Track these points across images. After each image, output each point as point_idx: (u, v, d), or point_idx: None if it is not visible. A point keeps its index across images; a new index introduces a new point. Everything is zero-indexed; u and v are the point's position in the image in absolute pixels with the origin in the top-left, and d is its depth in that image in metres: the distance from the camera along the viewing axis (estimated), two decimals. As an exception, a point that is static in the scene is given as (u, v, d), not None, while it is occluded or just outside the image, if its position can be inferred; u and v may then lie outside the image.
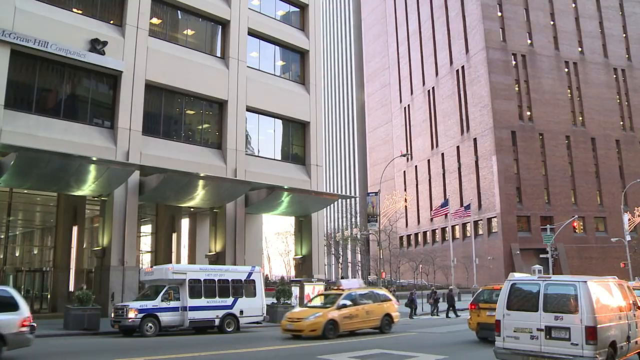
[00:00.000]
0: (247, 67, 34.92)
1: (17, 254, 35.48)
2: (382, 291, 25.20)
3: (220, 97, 33.21)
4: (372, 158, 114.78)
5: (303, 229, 36.71)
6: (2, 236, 31.36)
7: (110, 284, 27.08)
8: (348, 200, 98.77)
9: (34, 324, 14.42)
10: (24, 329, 13.90)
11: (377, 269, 54.67)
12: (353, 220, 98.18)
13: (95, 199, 29.52)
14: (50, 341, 19.47)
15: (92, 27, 28.53)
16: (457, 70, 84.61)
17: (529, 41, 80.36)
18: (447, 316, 33.86)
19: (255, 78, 35.16)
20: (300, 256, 36.64)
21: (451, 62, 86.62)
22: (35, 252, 36.40)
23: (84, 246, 32.17)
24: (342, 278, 26.27)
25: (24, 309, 14.22)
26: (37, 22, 26.44)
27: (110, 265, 27.35)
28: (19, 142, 23.95)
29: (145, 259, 35.81)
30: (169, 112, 32.28)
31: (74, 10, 28.98)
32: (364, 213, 64.81)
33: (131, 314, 21.51)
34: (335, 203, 71.77)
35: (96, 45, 28.08)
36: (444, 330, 25.22)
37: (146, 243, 36.56)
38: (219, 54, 34.57)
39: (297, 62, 39.37)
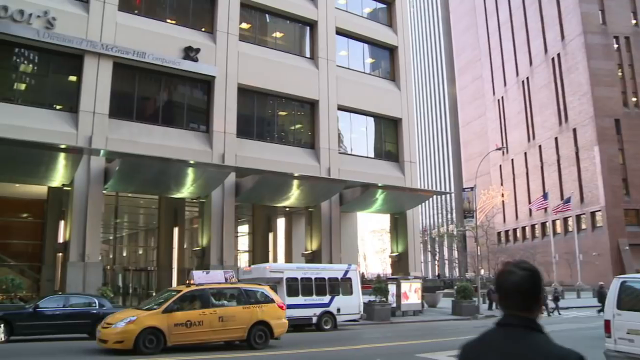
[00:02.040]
0: (337, 66, 35.01)
1: (124, 254, 37.25)
2: (263, 289, 18.15)
3: (312, 97, 33.49)
4: (466, 153, 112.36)
5: (398, 226, 36.37)
6: (111, 237, 33.04)
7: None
8: (443, 196, 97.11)
9: None
10: None
11: (474, 266, 53.43)
12: (449, 216, 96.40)
13: (194, 201, 30.55)
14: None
15: (185, 35, 29.59)
16: (553, 59, 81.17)
17: (633, 21, 75.65)
18: (549, 314, 32.40)
19: (345, 76, 35.19)
20: (396, 254, 36.32)
21: (546, 50, 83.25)
22: (140, 252, 38.09)
23: (185, 246, 33.32)
24: (204, 270, 19.83)
25: None
26: (135, 34, 27.83)
27: (210, 264, 28.15)
28: (122, 148, 25.40)
29: (243, 259, 36.62)
30: (262, 114, 32.91)
31: (168, 20, 30.25)
32: (460, 209, 63.57)
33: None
34: (430, 199, 70.58)
35: (190, 53, 29.06)
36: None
37: (243, 243, 37.39)
38: (308, 55, 34.87)
39: (386, 58, 39.08)
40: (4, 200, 28.43)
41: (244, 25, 32.77)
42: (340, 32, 35.92)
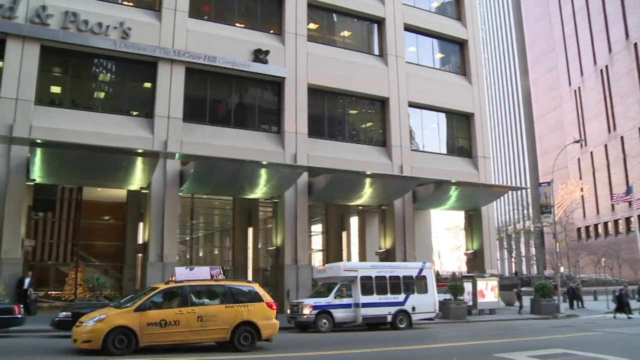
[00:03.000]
0: (406, 62, 34.65)
1: (200, 254, 38.10)
2: (251, 287, 16.70)
3: (382, 95, 33.30)
4: (542, 146, 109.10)
5: (473, 223, 35.68)
6: (187, 238, 33.89)
7: (285, 282, 28.19)
8: (519, 191, 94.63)
9: None
10: None
11: (553, 263, 51.77)
12: (525, 212, 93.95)
13: (268, 201, 30.92)
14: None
15: (254, 38, 30.07)
16: (635, 44, 77.46)
17: None
18: (615, 317, 29.87)
19: (415, 73, 34.81)
20: (471, 251, 35.64)
21: (627, 36, 79.60)
22: (216, 252, 38.87)
23: (259, 246, 33.76)
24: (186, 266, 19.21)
25: None
26: (205, 39, 28.56)
27: (284, 264, 28.48)
28: (197, 151, 26.06)
29: (317, 258, 36.79)
30: (332, 113, 32.97)
31: (237, 24, 30.80)
32: (537, 204, 61.70)
33: (306, 311, 22.26)
34: (506, 195, 69.07)
35: (259, 55, 29.48)
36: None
37: (317, 242, 37.56)
38: (377, 52, 34.68)
39: (456, 53, 38.41)
40: (89, 204, 29.65)
41: (312, 26, 32.91)
42: (408, 28, 35.54)
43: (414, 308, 24.11)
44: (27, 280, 23.08)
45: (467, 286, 30.30)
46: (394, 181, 30.72)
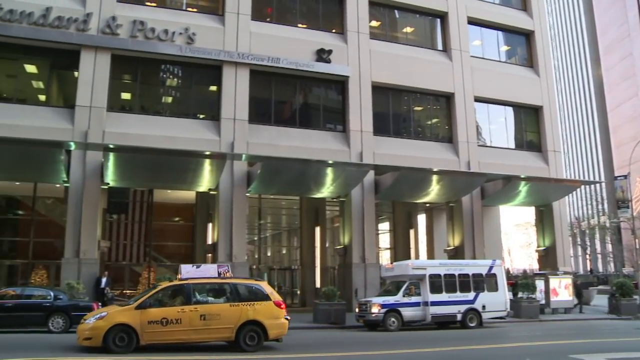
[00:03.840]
0: (471, 56, 34.04)
1: (268, 254, 38.53)
2: (258, 285, 16.10)
3: (447, 91, 32.83)
4: (617, 138, 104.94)
5: (544, 219, 34.66)
6: (255, 238, 34.35)
7: (353, 281, 28.18)
8: (592, 186, 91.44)
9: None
10: None
11: (632, 260, 49.73)
12: (600, 207, 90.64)
13: (334, 200, 30.98)
14: (302, 333, 20.78)
15: (317, 38, 30.29)
16: None
17: None
18: None
19: (480, 67, 34.14)
20: (542, 248, 34.64)
21: None
22: (284, 251, 39.21)
23: (327, 245, 33.82)
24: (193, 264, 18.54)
25: None
26: (268, 41, 29.00)
27: (352, 262, 28.48)
28: (263, 152, 26.51)
29: (385, 256, 36.61)
30: (397, 110, 32.74)
31: (299, 25, 31.14)
32: (612, 199, 59.45)
33: (375, 309, 22.23)
34: (578, 190, 66.66)
35: (322, 55, 29.62)
36: None
37: (385, 240, 37.37)
38: (440, 47, 34.22)
39: (522, 44, 37.41)
40: (159, 205, 30.49)
41: (374, 23, 32.82)
42: (472, 21, 34.90)
43: (484, 306, 23.68)
44: (104, 280, 24.15)
45: (539, 284, 29.47)
46: (461, 178, 30.24)
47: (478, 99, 33.63)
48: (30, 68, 27.82)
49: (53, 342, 15.48)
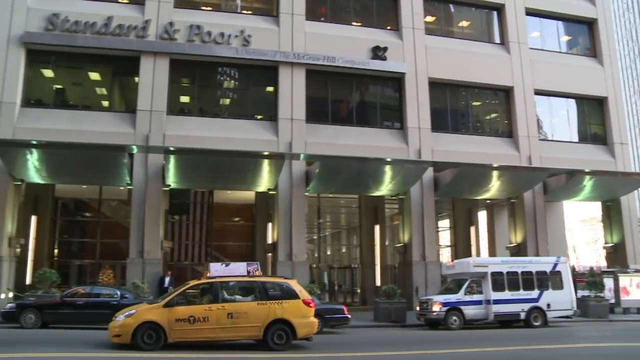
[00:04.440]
0: (530, 48, 33.21)
1: (328, 253, 38.54)
2: (287, 283, 15.60)
3: (505, 84, 32.15)
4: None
5: (612, 215, 33.44)
6: (315, 237, 34.43)
7: (414, 279, 27.96)
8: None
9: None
10: None
11: None
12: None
13: (393, 198, 30.78)
14: (363, 331, 20.76)
15: (372, 35, 30.18)
16: None
17: None
18: None
19: (540, 58, 33.23)
20: (610, 244, 33.44)
21: None
22: (344, 250, 39.14)
23: (386, 243, 33.61)
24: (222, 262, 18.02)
25: None
26: (323, 40, 29.12)
27: (412, 260, 28.23)
28: (321, 151, 26.64)
29: (445, 254, 36.12)
30: (455, 105, 32.27)
31: (354, 23, 31.17)
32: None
33: (436, 307, 21.95)
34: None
35: (377, 52, 29.49)
36: None
37: (445, 237, 36.87)
38: (498, 40, 33.54)
39: (584, 34, 36.25)
40: (220, 206, 30.95)
41: (429, 19, 32.44)
42: (530, 12, 34.05)
43: (548, 305, 23.00)
44: (167, 279, 24.72)
45: (608, 282, 28.47)
46: (522, 173, 29.56)
47: (538, 92, 32.78)
48: (94, 75, 28.79)
49: (95, 339, 15.83)
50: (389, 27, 31.25)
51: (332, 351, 14.97)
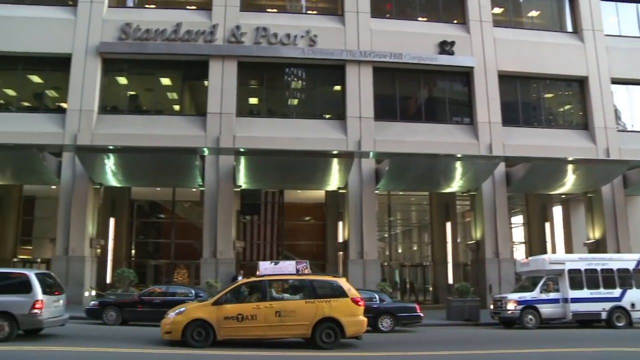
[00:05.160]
0: (605, 35, 31.85)
1: (399, 251, 38.27)
2: (336, 281, 15.31)
3: (579, 74, 30.96)
4: None
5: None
6: (386, 235, 34.27)
7: (487, 276, 27.36)
8: None
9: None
10: (36, 310, 14.23)
11: None
12: None
13: (465, 194, 30.21)
14: (435, 330, 20.49)
15: (438, 30, 29.83)
16: None
17: None
18: None
19: (617, 45, 31.73)
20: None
21: None
22: (415, 248, 38.79)
23: (458, 240, 33.04)
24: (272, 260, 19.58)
25: (37, 293, 14.37)
26: (389, 37, 28.94)
27: (485, 257, 27.65)
28: (390, 149, 26.50)
29: (519, 250, 35.19)
30: (526, 98, 31.31)
31: (419, 19, 30.99)
32: None
33: (510, 306, 21.41)
34: None
35: (445, 47, 29.07)
36: None
37: (518, 234, 35.90)
38: (570, 29, 32.34)
39: (668, 13, 34.44)
40: (290, 205, 31.28)
41: (497, 10, 31.65)
42: (605, -3, 32.76)
43: (633, 305, 21.89)
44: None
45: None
46: (599, 166, 28.39)
47: (615, 81, 31.35)
48: (165, 81, 29.66)
49: (151, 336, 16.22)
50: (455, 21, 30.72)
51: (382, 350, 14.80)
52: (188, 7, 29.79)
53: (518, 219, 35.64)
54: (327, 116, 29.06)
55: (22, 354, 12.62)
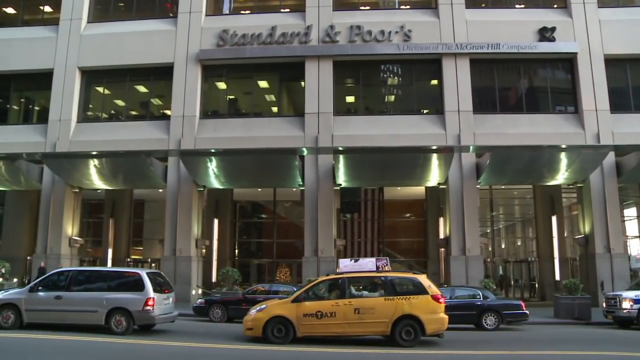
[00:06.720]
0: None
1: (502, 246, 37.34)
2: (416, 278, 14.97)
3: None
4: None
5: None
6: (488, 230, 33.51)
7: (597, 273, 25.95)
8: None
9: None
10: (148, 307, 15.22)
11: None
12: None
13: (571, 186, 28.93)
14: (542, 328, 19.74)
15: (537, 16, 28.66)
16: None
17: None
18: None
19: None
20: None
21: None
22: (519, 243, 37.70)
23: (565, 235, 31.75)
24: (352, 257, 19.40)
25: (149, 291, 15.39)
26: (486, 27, 28.22)
27: (595, 253, 26.29)
28: (490, 142, 25.82)
29: (634, 245, 33.32)
30: (637, 82, 29.37)
31: (517, 6, 30.01)
32: None
33: (626, 304, 20.03)
34: None
35: (545, 33, 27.94)
36: None
37: (632, 227, 33.95)
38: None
39: None
40: (390, 202, 31.27)
41: (602, -10, 30.03)
42: None
43: None
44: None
45: None
46: None
47: None
48: (263, 83, 30.34)
49: (225, 332, 16.69)
50: (555, 6, 29.43)
51: (466, 349, 14.34)
52: (282, 10, 30.40)
53: (631, 212, 33.67)
54: (425, 111, 28.72)
55: (140, 347, 13.57)
